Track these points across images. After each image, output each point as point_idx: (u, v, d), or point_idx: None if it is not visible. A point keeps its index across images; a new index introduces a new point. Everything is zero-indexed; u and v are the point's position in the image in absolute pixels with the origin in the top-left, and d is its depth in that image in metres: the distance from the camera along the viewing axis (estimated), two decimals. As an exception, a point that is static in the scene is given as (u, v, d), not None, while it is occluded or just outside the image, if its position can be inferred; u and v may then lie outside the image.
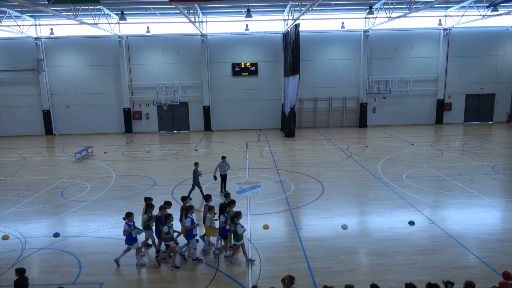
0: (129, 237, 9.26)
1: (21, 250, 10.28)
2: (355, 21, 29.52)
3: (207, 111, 31.03)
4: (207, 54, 30.23)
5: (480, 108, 31.85)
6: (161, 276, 8.98)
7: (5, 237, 11.04)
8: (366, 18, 29.04)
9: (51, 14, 22.50)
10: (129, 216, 9.30)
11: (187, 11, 22.45)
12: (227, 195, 10.85)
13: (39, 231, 11.53)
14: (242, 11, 26.55)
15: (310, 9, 21.39)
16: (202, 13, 28.06)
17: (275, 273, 8.68)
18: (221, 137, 28.28)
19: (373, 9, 25.27)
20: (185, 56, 30.40)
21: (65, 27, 28.85)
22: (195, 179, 13.81)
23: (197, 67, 30.46)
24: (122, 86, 30.36)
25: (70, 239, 10.87)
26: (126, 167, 19.69)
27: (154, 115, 31.33)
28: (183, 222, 9.64)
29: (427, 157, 19.80)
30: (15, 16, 25.95)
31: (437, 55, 30.83)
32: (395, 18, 24.52)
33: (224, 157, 14.70)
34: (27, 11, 26.29)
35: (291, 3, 23.78)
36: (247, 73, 30.82)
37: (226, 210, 9.68)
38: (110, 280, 8.75)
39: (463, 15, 26.67)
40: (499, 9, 23.88)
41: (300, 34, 24.86)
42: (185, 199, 10.54)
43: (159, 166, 19.71)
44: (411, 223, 11.30)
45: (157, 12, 26.95)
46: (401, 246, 9.96)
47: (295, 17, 23.77)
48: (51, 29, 28.52)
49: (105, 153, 23.21)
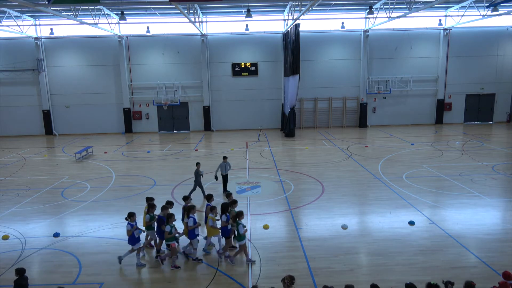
0: (131, 237, 9.26)
1: (21, 250, 10.28)
2: (355, 21, 29.52)
3: (207, 111, 31.03)
4: (207, 54, 30.23)
5: (480, 108, 31.85)
6: (161, 276, 8.98)
7: (5, 237, 11.05)
8: (366, 18, 29.04)
9: (51, 14, 22.52)
10: (131, 216, 9.30)
11: (187, 11, 22.45)
12: (229, 195, 10.88)
13: (39, 231, 11.54)
14: (242, 11, 26.55)
15: (310, 9, 21.39)
16: (202, 13, 28.06)
17: (275, 273, 8.68)
18: (221, 137, 28.28)
19: (373, 9, 25.27)
20: (185, 56, 30.40)
21: (65, 27, 28.85)
22: (197, 179, 13.82)
23: (197, 67, 30.46)
24: (122, 86, 30.36)
25: (70, 239, 10.88)
26: (126, 167, 19.69)
27: (154, 115, 31.34)
28: (185, 221, 9.66)
29: (427, 157, 19.80)
30: (15, 16, 25.94)
31: (437, 55, 30.83)
32: (395, 18, 24.52)
33: (225, 157, 14.76)
34: (27, 11, 26.29)
35: (291, 3, 23.77)
36: (247, 73, 30.81)
37: (227, 209, 9.70)
38: (110, 280, 8.76)
39: (463, 15, 26.67)
40: (499, 9, 23.87)
41: (300, 34, 24.86)
42: (186, 198, 10.56)
43: (159, 166, 19.72)
44: (411, 223, 11.31)
45: (157, 12, 26.95)
46: (401, 246, 9.96)
47: (295, 17, 23.77)
48: (51, 29, 28.53)
49: (105, 153, 23.21)
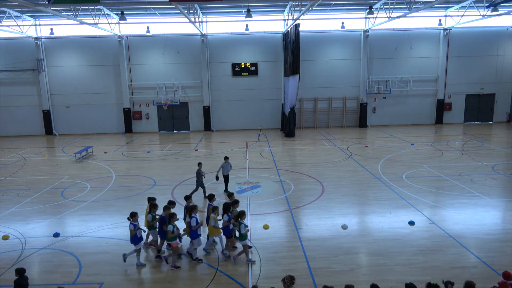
0: (134, 237, 9.26)
1: (21, 250, 10.28)
2: (355, 21, 29.52)
3: (207, 111, 31.03)
4: (207, 54, 30.23)
5: (480, 108, 31.85)
6: (161, 276, 8.98)
7: (5, 237, 11.05)
8: (366, 18, 29.04)
9: (51, 14, 22.51)
10: (134, 216, 9.30)
11: (187, 11, 22.45)
12: (231, 195, 10.89)
13: (39, 231, 11.53)
14: (242, 11, 26.55)
15: (310, 9, 21.38)
16: (202, 13, 28.06)
17: (275, 273, 8.68)
18: (221, 137, 28.28)
19: (373, 9, 25.26)
20: (185, 56, 30.39)
21: (65, 27, 28.85)
22: (199, 180, 13.82)
23: (197, 67, 30.46)
24: (122, 86, 30.36)
25: (70, 239, 10.87)
26: (126, 167, 19.69)
27: (154, 115, 31.34)
28: (187, 221, 9.67)
29: (427, 157, 19.80)
30: (15, 16, 25.95)
31: (437, 55, 30.82)
32: (395, 18, 24.51)
33: (226, 158, 14.80)
34: (27, 11, 26.29)
35: (291, 3, 23.77)
36: (247, 73, 30.81)
37: (229, 209, 9.71)
38: (110, 280, 8.75)
39: (463, 15, 26.67)
40: (499, 9, 23.88)
41: (300, 34, 24.85)
42: (188, 198, 10.58)
43: (159, 166, 19.71)
44: (411, 223, 11.30)
45: (157, 12, 26.95)
46: (401, 246, 9.96)
47: (295, 17, 23.77)
48: (51, 29, 28.52)
49: (105, 153, 23.21)
